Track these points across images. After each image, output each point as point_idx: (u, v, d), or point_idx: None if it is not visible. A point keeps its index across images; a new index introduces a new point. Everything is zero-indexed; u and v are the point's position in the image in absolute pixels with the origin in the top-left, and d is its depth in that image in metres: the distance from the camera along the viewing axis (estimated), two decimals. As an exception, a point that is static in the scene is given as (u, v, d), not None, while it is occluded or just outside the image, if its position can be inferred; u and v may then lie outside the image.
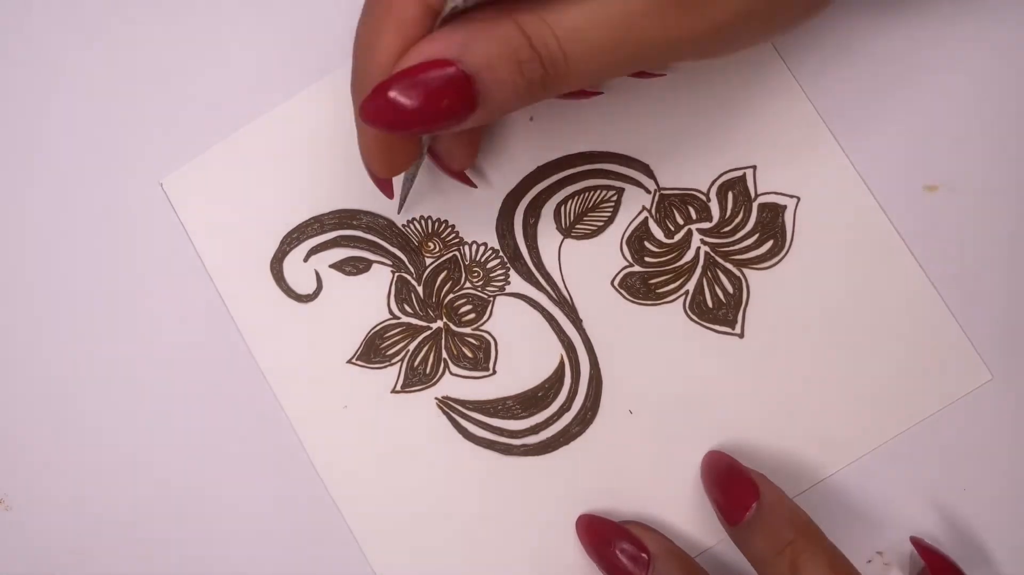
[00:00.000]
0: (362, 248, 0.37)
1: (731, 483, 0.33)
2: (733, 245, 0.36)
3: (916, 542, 0.34)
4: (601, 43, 0.27)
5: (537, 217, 0.37)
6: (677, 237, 0.36)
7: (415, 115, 0.27)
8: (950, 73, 0.36)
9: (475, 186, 0.36)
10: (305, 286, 0.37)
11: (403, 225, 0.37)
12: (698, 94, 0.36)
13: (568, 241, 0.36)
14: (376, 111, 0.27)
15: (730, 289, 0.36)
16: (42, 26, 0.37)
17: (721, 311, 0.36)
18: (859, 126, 0.36)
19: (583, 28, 0.27)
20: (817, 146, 0.36)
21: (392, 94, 0.26)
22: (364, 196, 0.37)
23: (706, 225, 0.36)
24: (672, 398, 0.36)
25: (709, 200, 0.36)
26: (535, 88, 0.28)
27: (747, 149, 0.36)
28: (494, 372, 0.36)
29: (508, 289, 0.36)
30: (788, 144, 0.36)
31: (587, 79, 0.28)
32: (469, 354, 0.36)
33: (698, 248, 0.36)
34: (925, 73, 0.36)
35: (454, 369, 0.36)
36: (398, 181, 0.35)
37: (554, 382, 0.36)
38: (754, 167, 0.36)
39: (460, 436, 0.36)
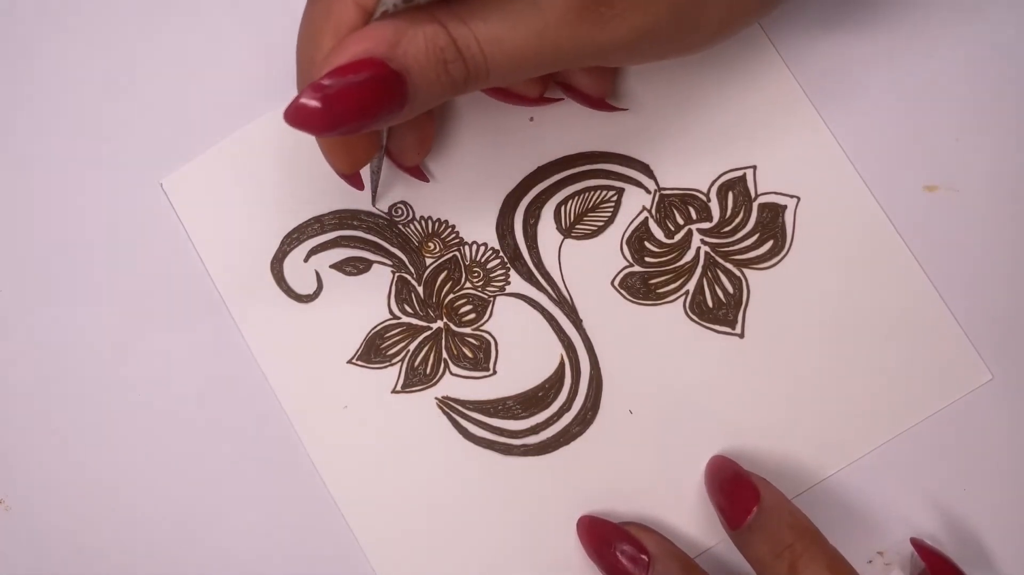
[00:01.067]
0: (362, 248, 0.37)
1: (733, 487, 0.33)
2: (733, 245, 0.36)
3: (916, 543, 0.34)
4: (518, 49, 0.28)
5: (537, 217, 0.37)
6: (677, 237, 0.36)
7: (344, 115, 0.27)
8: (950, 73, 0.36)
9: (427, 180, 0.36)
10: (305, 286, 0.37)
11: (403, 225, 0.37)
12: (698, 94, 0.36)
13: (568, 241, 0.36)
14: (301, 114, 0.27)
15: (730, 289, 0.36)
16: (42, 26, 0.37)
17: (721, 311, 0.36)
18: (859, 126, 0.36)
19: (502, 35, 0.28)
20: (817, 146, 0.36)
21: (307, 99, 0.26)
22: (364, 197, 0.37)
23: (706, 225, 0.36)
24: (672, 398, 0.36)
25: (709, 200, 0.36)
26: (458, 85, 0.29)
27: (747, 149, 0.36)
28: (494, 372, 0.36)
29: (508, 289, 0.36)
30: (788, 144, 0.36)
31: (506, 79, 0.29)
32: (469, 354, 0.36)
33: (698, 248, 0.36)
34: (925, 73, 0.36)
35: (454, 369, 0.36)
36: (366, 172, 0.36)
37: (554, 382, 0.36)
38: (754, 167, 0.36)
39: (460, 436, 0.36)
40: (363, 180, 0.35)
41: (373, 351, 0.36)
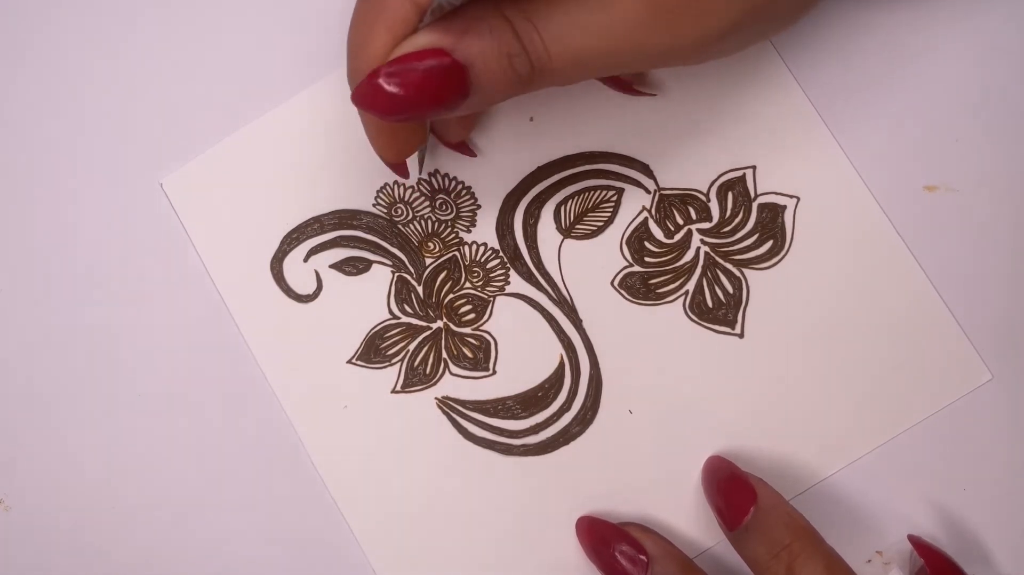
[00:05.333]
0: (362, 248, 0.37)
1: (730, 488, 0.33)
2: (733, 245, 0.36)
3: (914, 540, 0.34)
4: (584, 49, 0.28)
5: (537, 217, 0.37)
6: (677, 237, 0.36)
7: (407, 101, 0.27)
8: (950, 73, 0.36)
9: (475, 155, 0.36)
10: (305, 286, 0.37)
11: (403, 225, 0.37)
12: (698, 94, 0.36)
13: (568, 241, 0.36)
14: (368, 96, 0.28)
15: (730, 289, 0.36)
16: (42, 26, 0.37)
17: (721, 311, 0.36)
18: (859, 126, 0.36)
19: (568, 33, 0.28)
20: (817, 146, 0.36)
21: (383, 80, 0.27)
22: (364, 196, 0.37)
23: (706, 225, 0.36)
24: (672, 398, 0.36)
25: (709, 200, 0.36)
26: (523, 81, 0.29)
27: (747, 149, 0.36)
28: (494, 372, 0.36)
29: (508, 289, 0.37)
30: (788, 144, 0.36)
31: (571, 78, 0.29)
32: (469, 354, 0.36)
33: (698, 248, 0.36)
34: (925, 73, 0.36)
35: (454, 369, 0.36)
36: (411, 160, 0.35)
37: (554, 382, 0.36)
38: (754, 167, 0.36)
39: (460, 436, 0.36)
40: (407, 169, 0.35)
41: (373, 351, 0.36)
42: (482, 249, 0.37)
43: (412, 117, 0.28)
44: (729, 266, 0.36)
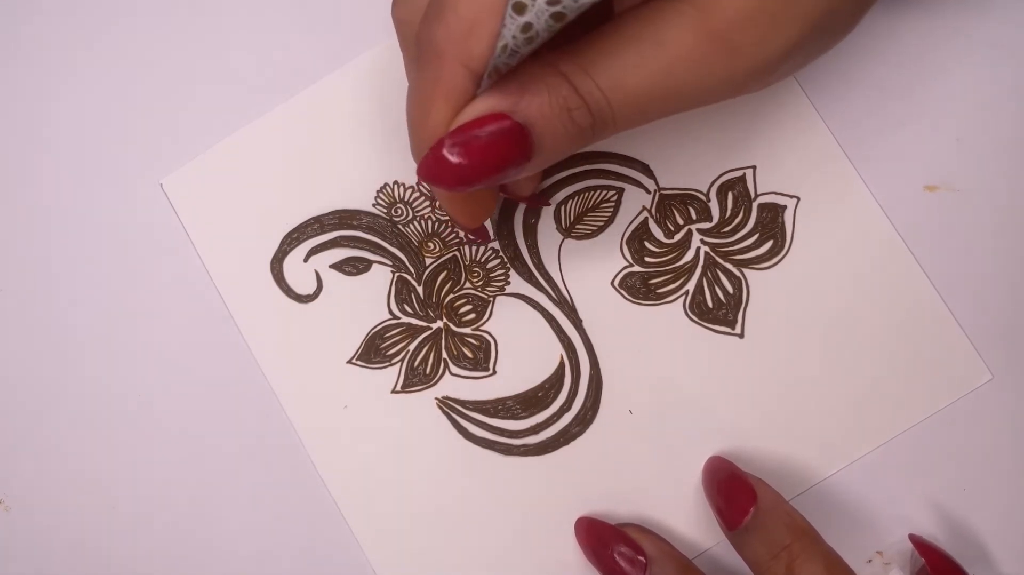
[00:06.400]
0: (362, 248, 0.37)
1: (730, 488, 0.33)
2: (733, 245, 0.36)
3: (915, 539, 0.34)
4: (644, 93, 0.28)
5: (537, 217, 0.37)
6: (677, 237, 0.36)
7: (473, 169, 0.27)
8: (950, 73, 0.36)
9: (550, 204, 0.36)
10: (305, 286, 0.37)
11: (403, 225, 0.37)
12: (698, 94, 0.36)
13: (568, 241, 0.36)
14: (434, 169, 0.27)
15: (730, 289, 0.36)
16: (41, 26, 0.37)
17: (721, 311, 0.36)
18: (859, 126, 0.36)
19: (625, 79, 0.27)
20: (817, 146, 0.36)
21: (447, 151, 0.27)
22: (364, 196, 0.37)
23: (706, 225, 0.36)
24: (672, 398, 0.36)
25: (709, 200, 0.36)
26: (585, 134, 0.28)
27: (747, 149, 0.36)
28: (494, 372, 0.36)
29: (508, 289, 0.37)
30: (788, 144, 0.36)
31: (633, 123, 0.29)
32: (469, 354, 0.36)
33: (698, 248, 0.36)
34: (925, 73, 0.36)
35: (454, 369, 0.36)
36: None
37: (554, 382, 0.36)
38: (754, 167, 0.36)
39: (460, 436, 0.36)
40: (488, 232, 0.36)
41: (373, 351, 0.36)
42: (482, 249, 0.37)
43: (479, 185, 0.28)
44: (729, 266, 0.36)
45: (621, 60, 0.27)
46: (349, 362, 0.36)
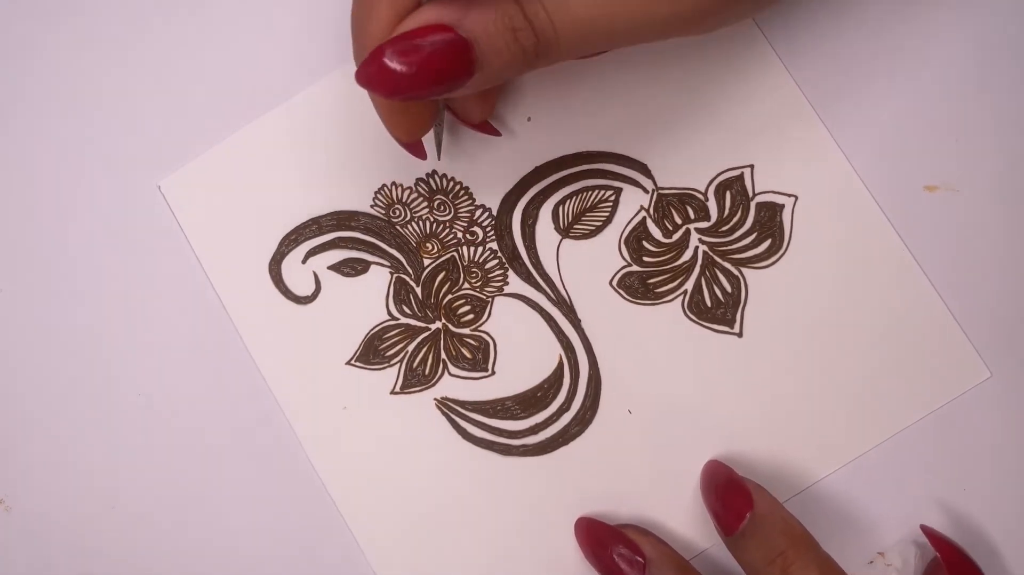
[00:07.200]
0: (360, 249, 0.37)
1: (727, 493, 0.33)
2: (731, 244, 0.36)
3: (927, 531, 0.34)
4: (588, 20, 0.28)
5: (535, 217, 0.36)
6: (675, 237, 0.36)
7: (412, 79, 0.27)
8: (950, 73, 0.36)
9: (499, 134, 0.36)
10: (304, 288, 0.37)
11: (401, 226, 0.37)
12: (696, 93, 0.36)
13: (566, 241, 0.36)
14: (372, 75, 0.27)
15: (728, 288, 0.36)
16: (40, 28, 0.37)
17: (720, 310, 0.36)
18: (857, 125, 0.36)
19: (569, 4, 0.28)
20: (815, 145, 0.36)
21: (387, 58, 0.27)
22: (362, 197, 0.36)
23: (704, 224, 0.36)
24: (671, 398, 0.36)
25: (707, 199, 0.36)
26: (529, 56, 0.28)
27: (745, 148, 0.36)
28: (493, 373, 0.36)
29: (507, 290, 0.36)
30: (786, 143, 0.36)
31: (577, 50, 0.29)
32: (468, 355, 0.36)
33: (696, 247, 0.36)
34: (925, 72, 0.36)
35: (453, 370, 0.36)
36: (427, 138, 0.35)
37: (553, 382, 0.36)
38: (752, 166, 0.36)
39: (459, 437, 0.36)
40: (424, 149, 0.35)
41: (372, 352, 0.36)
42: (480, 249, 0.37)
43: (418, 96, 0.28)
44: (728, 265, 0.36)
45: None
46: (348, 363, 0.36)
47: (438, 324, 0.36)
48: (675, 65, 0.36)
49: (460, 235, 0.36)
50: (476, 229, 0.36)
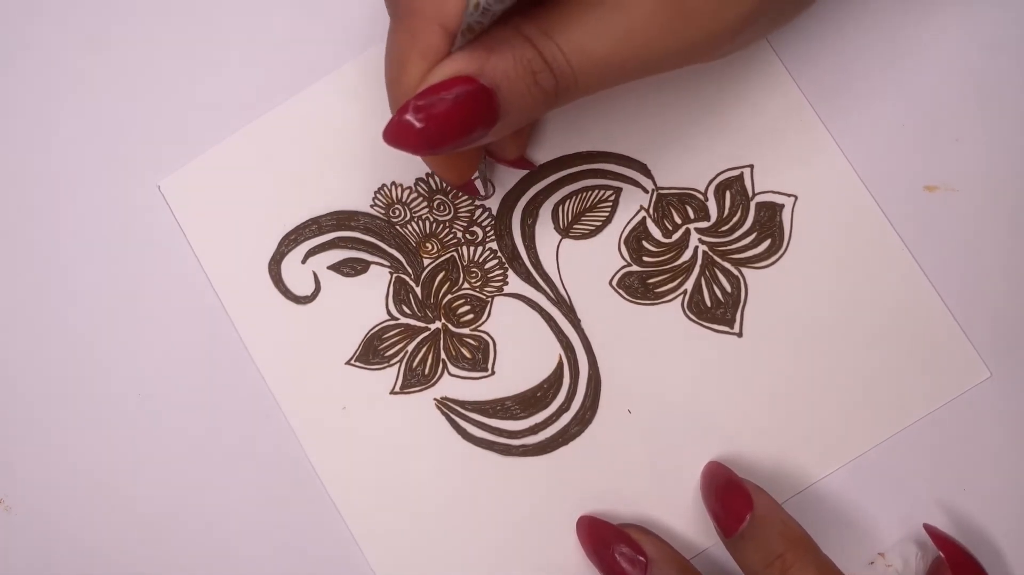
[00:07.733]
0: (360, 249, 0.37)
1: (726, 495, 0.33)
2: (731, 244, 0.36)
3: (930, 530, 0.34)
4: (605, 56, 0.28)
5: (535, 217, 0.36)
6: (675, 236, 0.36)
7: (437, 134, 0.28)
8: (950, 73, 0.36)
9: (536, 167, 0.36)
10: (303, 288, 0.37)
11: (401, 226, 0.37)
12: (695, 94, 0.36)
13: (566, 241, 0.36)
14: (399, 134, 0.28)
15: (728, 288, 0.36)
16: (40, 28, 0.37)
17: (719, 310, 0.36)
18: (857, 125, 0.36)
19: (587, 43, 0.28)
20: (814, 145, 0.36)
21: (411, 116, 0.27)
22: (361, 197, 0.36)
23: (704, 224, 0.36)
24: (671, 398, 0.36)
25: (707, 199, 0.36)
26: (549, 97, 0.29)
27: (745, 148, 0.36)
28: (493, 373, 0.36)
29: (506, 289, 0.36)
30: (786, 143, 0.36)
31: (596, 87, 0.29)
32: (468, 355, 0.36)
33: (696, 247, 0.36)
34: (924, 72, 0.36)
35: (453, 370, 0.36)
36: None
37: (553, 382, 0.36)
38: (752, 166, 0.36)
39: (459, 437, 0.36)
40: (476, 187, 0.35)
41: (371, 352, 0.36)
42: (480, 249, 0.37)
43: (448, 148, 0.28)
44: (727, 265, 0.36)
45: (584, 25, 0.28)
46: (347, 363, 0.36)
47: (438, 324, 0.36)
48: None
49: (460, 235, 0.36)
50: (476, 229, 0.36)
